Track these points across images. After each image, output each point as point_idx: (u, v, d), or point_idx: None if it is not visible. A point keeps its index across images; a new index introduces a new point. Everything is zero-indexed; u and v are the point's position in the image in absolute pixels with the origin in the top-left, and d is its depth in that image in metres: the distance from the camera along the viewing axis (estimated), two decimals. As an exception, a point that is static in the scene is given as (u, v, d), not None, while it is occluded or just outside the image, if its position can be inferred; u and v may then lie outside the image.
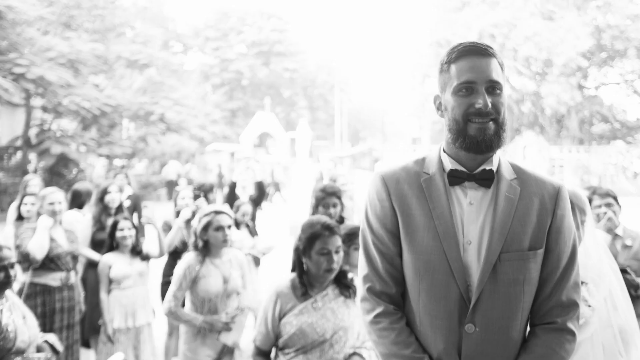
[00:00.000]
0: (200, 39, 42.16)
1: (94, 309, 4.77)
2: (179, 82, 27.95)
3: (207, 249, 3.66)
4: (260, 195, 7.57)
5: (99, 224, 5.17)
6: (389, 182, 1.77)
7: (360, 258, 1.83)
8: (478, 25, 28.80)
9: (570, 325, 1.68)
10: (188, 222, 5.03)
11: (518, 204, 1.68)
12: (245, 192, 7.74)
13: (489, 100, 1.63)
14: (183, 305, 3.65)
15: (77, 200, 5.72)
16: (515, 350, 1.68)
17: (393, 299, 1.76)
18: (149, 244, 4.91)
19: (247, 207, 5.84)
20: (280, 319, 2.79)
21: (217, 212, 3.70)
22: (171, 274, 3.84)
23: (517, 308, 1.66)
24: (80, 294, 4.69)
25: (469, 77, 1.64)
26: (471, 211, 1.69)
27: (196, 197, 5.39)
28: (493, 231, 1.65)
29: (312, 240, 2.78)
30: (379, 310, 1.73)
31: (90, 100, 18.03)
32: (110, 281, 4.46)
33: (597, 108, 29.97)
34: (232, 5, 43.44)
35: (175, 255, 4.97)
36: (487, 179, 1.69)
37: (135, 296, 4.49)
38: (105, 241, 4.72)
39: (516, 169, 1.77)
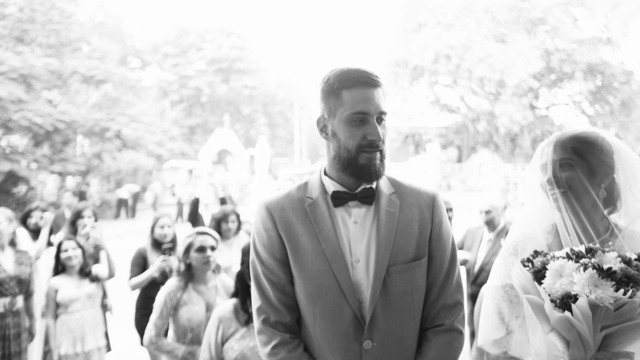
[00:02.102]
0: (158, 55, 41.68)
1: None
2: (136, 98, 27.51)
3: (190, 273, 3.45)
4: (223, 213, 7.48)
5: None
6: (274, 211, 1.76)
7: (252, 290, 1.81)
8: (434, 46, 29.60)
9: (457, 324, 1.76)
10: (159, 246, 4.65)
11: (399, 217, 1.73)
12: (208, 210, 7.60)
13: (380, 132, 1.67)
14: (166, 335, 3.45)
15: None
16: (412, 357, 1.73)
17: (289, 327, 1.75)
18: (99, 265, 4.75)
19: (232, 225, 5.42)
20: (222, 344, 2.75)
21: (200, 233, 3.52)
22: (145, 307, 3.61)
23: (410, 317, 1.72)
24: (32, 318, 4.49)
25: (363, 108, 1.64)
26: (356, 229, 1.72)
27: (167, 250, 4.53)
28: (379, 246, 1.69)
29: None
30: (275, 341, 1.72)
31: (43, 116, 17.55)
32: (58, 305, 4.29)
33: (548, 127, 31.09)
34: (191, 22, 43.21)
35: (151, 285, 4.50)
36: (369, 197, 1.73)
37: (84, 320, 4.31)
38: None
39: (393, 183, 1.81)
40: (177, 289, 3.41)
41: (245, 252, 2.97)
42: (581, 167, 1.75)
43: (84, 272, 4.43)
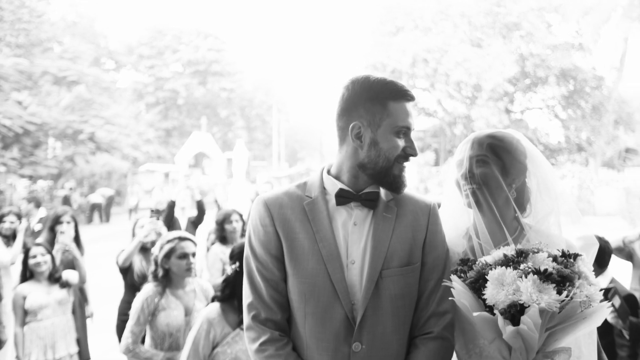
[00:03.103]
0: (133, 57, 41.15)
1: None
2: (110, 100, 27.06)
3: (168, 278, 3.38)
4: (200, 216, 7.31)
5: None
6: (272, 207, 1.77)
7: (244, 286, 1.80)
8: (412, 50, 29.79)
9: (445, 332, 1.76)
10: (146, 251, 4.65)
11: (395, 223, 1.76)
12: (184, 213, 7.42)
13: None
14: (143, 341, 3.37)
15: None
16: None
17: (279, 325, 1.75)
18: (69, 271, 4.57)
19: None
20: (213, 348, 2.68)
21: (181, 239, 3.43)
22: (126, 313, 3.51)
23: (400, 322, 1.73)
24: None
25: (408, 122, 1.72)
26: (355, 231, 1.74)
27: (155, 212, 4.93)
28: (374, 249, 1.71)
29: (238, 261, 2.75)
30: (264, 338, 1.71)
31: (12, 118, 17.12)
32: (26, 313, 4.11)
33: (523, 131, 31.42)
34: (167, 24, 42.79)
35: (133, 290, 4.47)
36: (372, 200, 1.76)
37: (54, 327, 4.17)
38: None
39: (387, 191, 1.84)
40: (155, 294, 3.34)
41: (234, 256, 2.92)
42: (495, 164, 1.79)
43: (54, 278, 4.28)
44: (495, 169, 1.79)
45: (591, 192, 23.98)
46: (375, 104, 1.70)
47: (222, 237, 5.08)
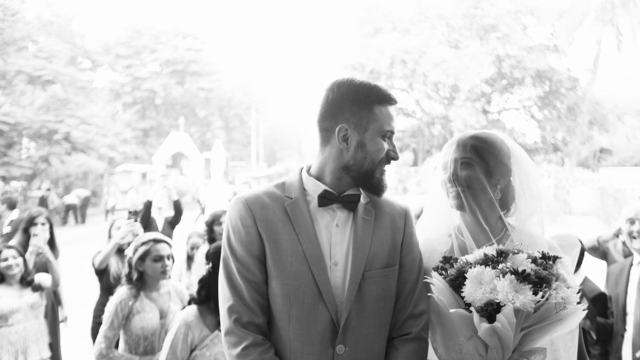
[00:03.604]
0: (111, 56, 40.59)
1: None
2: (86, 100, 26.67)
3: (142, 281, 3.33)
4: (177, 216, 7.23)
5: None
6: (253, 207, 1.74)
7: (222, 289, 1.75)
8: (390, 50, 29.95)
9: (423, 333, 1.79)
10: (123, 252, 4.57)
11: (374, 226, 1.78)
12: (161, 214, 7.31)
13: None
14: (117, 346, 3.31)
15: None
16: None
17: (261, 329, 1.71)
18: (42, 274, 4.48)
19: (197, 240, 5.28)
20: (191, 351, 2.65)
21: (156, 241, 3.38)
22: (102, 316, 3.45)
23: (382, 323, 1.75)
24: None
25: (392, 126, 1.76)
26: (337, 233, 1.75)
27: (133, 214, 4.84)
28: (356, 251, 1.72)
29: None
30: (247, 342, 1.66)
31: (-15, 118, 16.75)
32: None
33: (500, 131, 31.84)
34: (145, 23, 42.30)
35: (109, 292, 4.36)
36: (353, 202, 1.77)
37: (26, 331, 4.07)
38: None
39: (368, 194, 1.84)
40: (129, 297, 3.28)
41: (210, 256, 2.88)
42: (480, 166, 1.81)
43: (26, 282, 4.18)
44: (480, 171, 1.81)
45: (567, 191, 24.38)
46: (361, 107, 1.72)
47: (212, 238, 5.02)
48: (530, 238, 1.80)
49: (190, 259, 5.33)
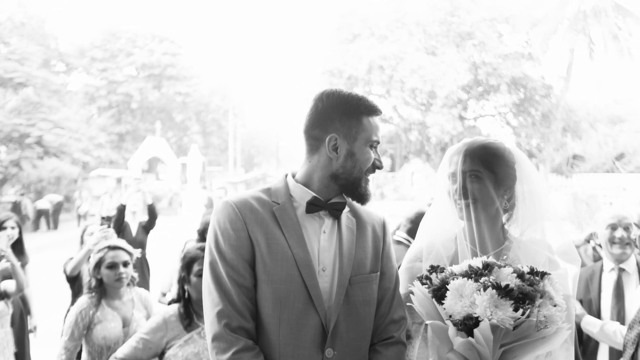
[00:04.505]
0: (85, 59, 39.95)
1: None
2: (60, 103, 26.19)
3: (102, 289, 3.28)
4: (151, 221, 7.10)
5: None
6: (243, 211, 1.76)
7: (210, 293, 1.73)
8: (368, 57, 30.11)
9: (402, 338, 1.87)
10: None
11: (357, 233, 1.85)
12: (135, 218, 7.17)
13: None
14: (80, 357, 3.24)
15: None
16: None
17: (250, 333, 1.71)
18: (7, 281, 4.32)
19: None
20: (163, 352, 2.69)
21: (111, 248, 3.33)
22: None
23: (367, 327, 1.80)
24: None
25: (379, 136, 1.83)
26: (325, 239, 1.80)
27: (105, 220, 4.79)
28: (342, 257, 1.77)
29: (190, 264, 2.77)
30: (237, 347, 1.65)
31: (-46, 120, 16.31)
32: None
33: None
34: (121, 27, 41.80)
35: None
36: (338, 210, 1.82)
37: None
38: None
39: (348, 203, 1.88)
40: (89, 306, 3.22)
41: (185, 257, 2.90)
42: (489, 178, 1.83)
43: None
44: (489, 183, 1.82)
45: (541, 197, 24.71)
46: (351, 118, 1.77)
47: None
48: (531, 250, 1.81)
49: None
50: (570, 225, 19.48)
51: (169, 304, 2.90)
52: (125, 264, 3.31)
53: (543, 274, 1.53)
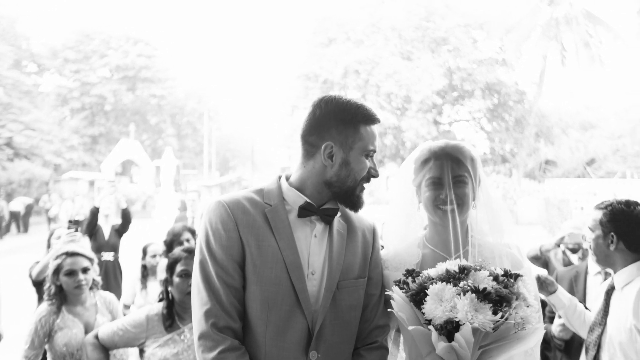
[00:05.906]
0: (58, 60, 39.20)
1: None
2: (31, 105, 25.68)
3: (62, 295, 3.21)
4: (125, 225, 7.00)
5: None
6: (235, 212, 1.76)
7: (198, 292, 1.74)
8: (344, 61, 30.21)
9: (385, 343, 1.91)
10: None
11: (347, 239, 1.86)
12: (107, 221, 7.07)
13: None
14: None
15: None
16: None
17: (237, 333, 1.72)
18: None
19: (156, 247, 4.83)
20: (141, 343, 2.71)
21: (69, 254, 3.26)
22: None
23: (352, 332, 1.83)
24: None
25: (375, 146, 1.83)
26: (315, 243, 1.80)
27: (73, 224, 4.57)
28: (332, 261, 1.79)
29: (173, 265, 2.77)
30: (223, 346, 1.67)
31: None
32: None
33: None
34: (95, 28, 41.15)
35: None
36: (330, 215, 1.83)
37: None
38: None
39: (340, 208, 1.89)
40: (50, 313, 3.16)
41: (169, 258, 2.90)
42: (469, 182, 1.86)
43: None
44: (470, 187, 1.85)
45: (514, 201, 25.11)
46: (348, 126, 1.78)
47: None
48: (495, 250, 1.86)
49: (146, 275, 4.82)
50: (543, 229, 19.83)
51: (159, 301, 2.90)
52: (85, 270, 3.24)
53: (517, 276, 1.56)
